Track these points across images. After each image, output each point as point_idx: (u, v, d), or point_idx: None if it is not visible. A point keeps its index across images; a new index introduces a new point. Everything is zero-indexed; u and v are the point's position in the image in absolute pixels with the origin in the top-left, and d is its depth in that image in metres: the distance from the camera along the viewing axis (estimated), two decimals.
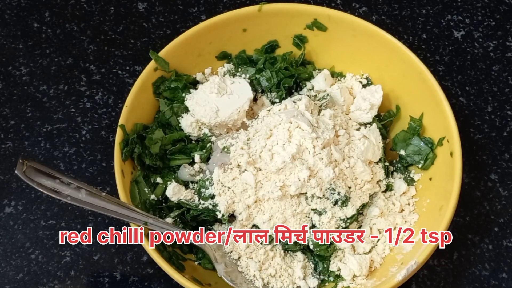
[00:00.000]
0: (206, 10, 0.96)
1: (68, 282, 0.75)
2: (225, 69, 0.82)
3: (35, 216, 0.79)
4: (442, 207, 0.70)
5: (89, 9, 0.96)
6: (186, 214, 0.74)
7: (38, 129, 0.85)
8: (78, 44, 0.92)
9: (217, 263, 0.70)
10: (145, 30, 0.94)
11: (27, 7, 0.96)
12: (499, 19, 0.97)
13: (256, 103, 0.81)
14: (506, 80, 0.91)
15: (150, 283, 0.76)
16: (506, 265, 0.78)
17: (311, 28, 0.81)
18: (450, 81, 0.91)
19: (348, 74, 0.83)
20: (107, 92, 0.88)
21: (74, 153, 0.84)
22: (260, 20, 0.81)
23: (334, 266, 0.72)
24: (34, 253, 0.77)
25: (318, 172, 0.70)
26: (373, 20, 0.96)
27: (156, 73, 0.77)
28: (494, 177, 0.84)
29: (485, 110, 0.89)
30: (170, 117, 0.77)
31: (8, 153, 0.83)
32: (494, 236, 0.80)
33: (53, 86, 0.89)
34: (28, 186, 0.77)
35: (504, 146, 0.86)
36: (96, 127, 0.86)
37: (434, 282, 0.77)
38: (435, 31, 0.95)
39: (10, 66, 0.90)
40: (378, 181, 0.76)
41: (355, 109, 0.78)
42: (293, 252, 0.73)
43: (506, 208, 0.82)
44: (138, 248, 0.77)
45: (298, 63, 0.83)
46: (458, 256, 0.78)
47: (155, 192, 0.74)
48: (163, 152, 0.76)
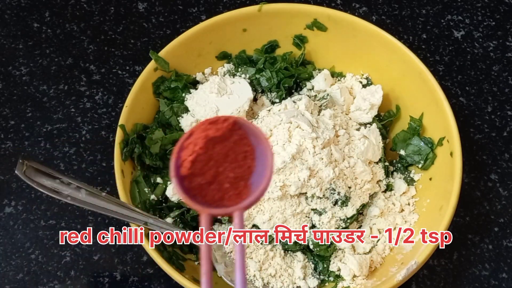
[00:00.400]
0: (206, 10, 0.96)
1: (68, 282, 0.75)
2: (225, 69, 0.82)
3: (35, 216, 0.79)
4: (442, 207, 0.70)
5: (89, 9, 0.96)
6: (186, 214, 0.74)
7: (38, 129, 0.85)
8: (78, 44, 0.92)
9: (217, 263, 0.70)
10: (145, 30, 0.94)
11: (27, 7, 0.96)
12: (499, 19, 0.97)
13: (256, 103, 0.81)
14: (506, 80, 0.91)
15: (150, 283, 0.76)
16: (506, 265, 0.78)
17: (311, 28, 0.82)
18: (450, 81, 0.91)
19: (348, 74, 0.83)
20: (107, 92, 0.88)
21: (74, 153, 0.84)
22: (260, 20, 0.81)
23: (334, 266, 0.72)
24: (34, 253, 0.77)
25: (318, 172, 0.70)
26: (373, 20, 0.96)
27: (156, 73, 0.77)
28: (494, 177, 0.84)
29: (485, 110, 0.89)
30: (170, 117, 0.78)
31: (8, 153, 0.83)
32: (494, 236, 0.80)
33: (53, 86, 0.89)
34: (28, 186, 0.77)
35: (504, 146, 0.86)
36: (96, 127, 0.86)
37: (434, 282, 0.77)
38: (435, 31, 0.95)
39: (10, 66, 0.90)
40: (378, 181, 0.76)
41: (355, 109, 0.78)
42: (293, 252, 0.73)
43: (506, 208, 0.82)
44: (138, 248, 0.77)
45: (298, 63, 0.83)
46: (458, 256, 0.78)
47: (155, 192, 0.74)
48: (163, 152, 0.76)
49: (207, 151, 0.46)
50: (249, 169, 0.47)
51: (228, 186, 0.46)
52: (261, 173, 0.46)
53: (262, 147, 0.47)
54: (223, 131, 0.46)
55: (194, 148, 0.46)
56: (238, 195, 0.46)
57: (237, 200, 0.46)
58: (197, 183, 0.46)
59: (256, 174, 0.47)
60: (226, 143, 0.46)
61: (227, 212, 0.46)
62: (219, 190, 0.46)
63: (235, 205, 0.46)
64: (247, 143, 0.47)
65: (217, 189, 0.46)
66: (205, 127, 0.46)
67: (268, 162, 0.46)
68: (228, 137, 0.46)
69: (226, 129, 0.46)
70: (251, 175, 0.47)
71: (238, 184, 0.46)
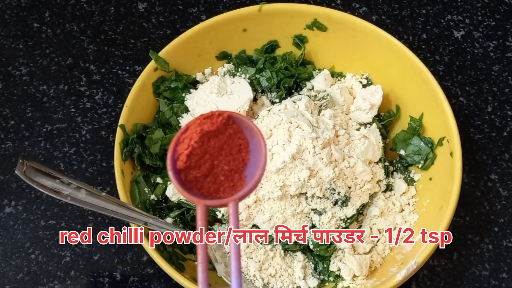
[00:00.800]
0: (206, 10, 0.96)
1: (68, 282, 0.75)
2: (225, 69, 0.82)
3: (35, 216, 0.79)
4: (442, 207, 0.70)
5: (89, 9, 0.96)
6: (186, 214, 0.74)
7: (38, 129, 0.85)
8: (78, 44, 0.92)
9: (217, 263, 0.70)
10: (145, 30, 0.94)
11: (27, 7, 0.96)
12: (499, 19, 0.97)
13: (256, 103, 0.81)
14: (506, 80, 0.91)
15: (150, 283, 0.76)
16: (506, 265, 0.78)
17: (311, 28, 0.81)
18: (450, 81, 0.91)
19: (348, 74, 0.83)
20: (107, 92, 0.88)
21: (74, 153, 0.84)
22: (260, 20, 0.81)
23: (334, 266, 0.72)
24: (34, 253, 0.77)
25: (318, 172, 0.70)
26: (373, 20, 0.96)
27: (156, 73, 0.77)
28: (494, 177, 0.84)
29: (485, 110, 0.89)
30: (170, 117, 0.78)
31: (8, 153, 0.83)
32: (494, 236, 0.80)
33: (53, 86, 0.89)
34: (28, 186, 0.77)
35: (504, 146, 0.86)
36: (96, 127, 0.86)
37: (434, 282, 0.77)
38: (435, 31, 0.95)
39: (10, 66, 0.90)
40: (378, 181, 0.76)
41: (355, 109, 0.78)
42: (293, 252, 0.73)
43: (506, 208, 0.82)
44: (138, 248, 0.77)
45: (298, 63, 0.83)
46: (458, 256, 0.78)
47: (155, 192, 0.74)
48: (163, 152, 0.76)
49: (202, 145, 0.47)
50: (243, 162, 0.48)
51: (223, 179, 0.48)
52: (254, 165, 0.48)
53: (255, 140, 0.48)
54: (217, 125, 0.47)
55: (189, 142, 0.47)
56: (233, 187, 0.48)
57: (232, 192, 0.48)
58: (193, 176, 0.47)
59: (250, 166, 0.48)
60: (220, 137, 0.48)
61: (222, 203, 0.47)
62: (214, 182, 0.48)
63: (229, 196, 0.47)
64: (241, 137, 0.48)
65: (213, 181, 0.48)
66: (200, 122, 0.47)
67: (262, 153, 0.47)
68: (222, 131, 0.48)
69: (220, 123, 0.47)
70: (245, 167, 0.48)
71: (233, 177, 0.48)
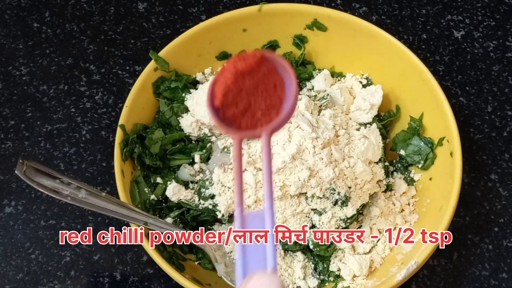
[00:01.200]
0: (206, 10, 0.96)
1: (68, 282, 0.75)
2: None
3: (35, 216, 0.79)
4: (442, 207, 0.70)
5: (89, 9, 0.96)
6: (186, 214, 0.74)
7: (38, 129, 0.85)
8: (78, 44, 0.92)
9: (217, 263, 0.70)
10: (145, 30, 0.94)
11: (27, 7, 0.96)
12: (499, 19, 0.97)
13: None
14: (506, 80, 0.91)
15: (150, 283, 0.76)
16: (506, 265, 0.78)
17: (311, 28, 0.82)
18: (450, 81, 0.91)
19: (348, 74, 0.83)
20: (107, 92, 0.88)
21: (74, 153, 0.84)
22: (260, 20, 0.81)
23: (334, 266, 0.72)
24: (34, 253, 0.77)
25: (318, 172, 0.70)
26: (373, 20, 0.96)
27: (156, 73, 0.77)
28: (494, 177, 0.84)
29: (485, 110, 0.89)
30: (170, 117, 0.78)
31: (8, 153, 0.83)
32: (494, 236, 0.80)
33: (53, 86, 0.89)
34: (28, 186, 0.77)
35: (504, 146, 0.86)
36: (96, 127, 0.86)
37: (434, 282, 0.77)
38: (435, 31, 0.95)
39: (10, 66, 0.90)
40: (378, 181, 0.76)
41: (355, 109, 0.78)
42: (293, 252, 0.73)
43: (506, 208, 0.82)
44: (138, 248, 0.77)
45: (298, 63, 0.83)
46: (458, 256, 0.78)
47: (155, 192, 0.74)
48: (163, 152, 0.76)
49: (237, 83, 0.49)
50: (279, 99, 0.50)
51: (261, 115, 0.50)
52: (288, 101, 0.49)
53: (288, 77, 0.49)
54: (251, 65, 0.49)
55: (225, 81, 0.49)
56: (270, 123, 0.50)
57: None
58: (231, 113, 0.49)
59: (286, 103, 0.50)
60: (255, 76, 0.49)
61: (255, 134, 0.49)
62: (252, 119, 0.49)
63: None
64: (276, 75, 0.50)
65: (251, 118, 0.49)
66: (235, 62, 0.49)
67: (293, 90, 0.49)
68: (257, 70, 0.49)
69: (254, 63, 0.49)
70: (281, 104, 0.50)
71: (270, 112, 0.50)
